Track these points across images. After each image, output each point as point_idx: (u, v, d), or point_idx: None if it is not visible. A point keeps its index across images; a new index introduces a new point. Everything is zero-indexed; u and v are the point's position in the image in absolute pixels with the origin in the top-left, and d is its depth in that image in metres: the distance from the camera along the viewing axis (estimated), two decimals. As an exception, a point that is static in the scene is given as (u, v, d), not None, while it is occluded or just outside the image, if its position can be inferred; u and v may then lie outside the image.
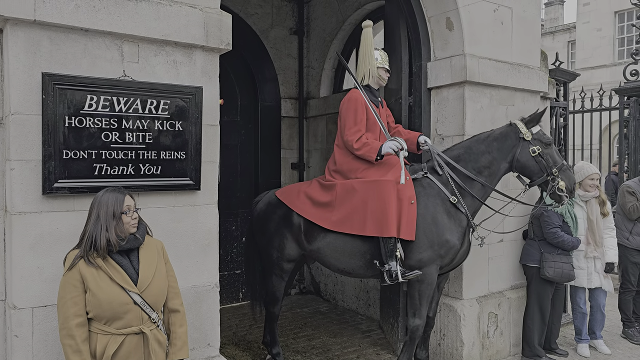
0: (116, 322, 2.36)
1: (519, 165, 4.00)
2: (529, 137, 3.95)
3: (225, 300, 6.14)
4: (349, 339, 5.27)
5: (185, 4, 3.04)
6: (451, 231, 3.84)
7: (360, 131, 3.95)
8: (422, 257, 3.78)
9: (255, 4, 6.49)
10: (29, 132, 2.64)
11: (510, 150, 3.98)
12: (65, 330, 2.30)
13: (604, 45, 21.33)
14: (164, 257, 2.60)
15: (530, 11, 4.96)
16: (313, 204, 4.03)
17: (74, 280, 2.33)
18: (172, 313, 2.58)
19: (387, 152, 3.85)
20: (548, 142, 3.99)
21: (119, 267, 2.39)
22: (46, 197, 2.68)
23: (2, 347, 2.79)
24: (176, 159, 3.04)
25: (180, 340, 2.56)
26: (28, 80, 2.62)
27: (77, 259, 2.35)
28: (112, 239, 2.35)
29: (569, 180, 3.97)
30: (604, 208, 4.82)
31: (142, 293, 2.40)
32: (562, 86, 5.94)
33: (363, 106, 3.99)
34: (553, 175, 3.92)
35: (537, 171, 3.96)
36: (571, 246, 4.50)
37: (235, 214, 6.32)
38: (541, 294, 4.58)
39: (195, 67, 3.12)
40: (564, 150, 5.89)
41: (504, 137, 4.01)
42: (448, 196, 3.87)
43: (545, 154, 3.95)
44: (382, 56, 4.20)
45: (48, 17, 2.61)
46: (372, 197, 3.75)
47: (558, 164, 3.96)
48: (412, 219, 3.73)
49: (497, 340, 4.71)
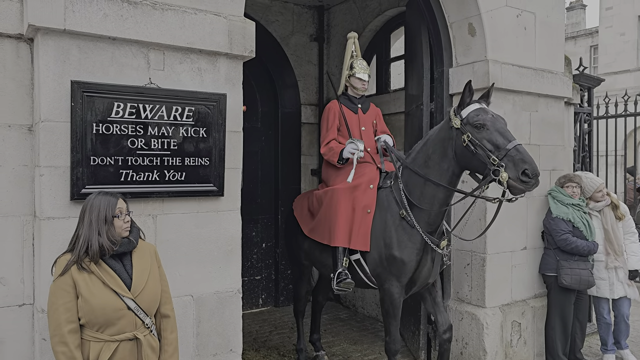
0: (109, 328, 2.29)
1: (460, 161, 3.32)
2: (458, 124, 3.23)
3: (246, 306, 6.15)
4: (369, 346, 5.24)
5: (209, 12, 3.08)
6: (401, 247, 3.54)
7: (328, 137, 4.12)
8: (378, 272, 3.69)
9: (276, 11, 6.55)
10: (58, 138, 2.69)
11: (448, 146, 3.37)
12: (58, 337, 2.24)
13: (628, 49, 20.96)
14: (157, 261, 2.54)
15: (554, 16, 4.90)
16: (305, 210, 4.31)
17: (65, 285, 2.26)
18: (163, 318, 2.51)
19: (347, 156, 3.96)
20: (479, 123, 3.15)
21: (113, 271, 2.33)
22: (74, 202, 2.72)
23: (30, 349, 2.84)
24: (200, 165, 3.07)
25: (171, 347, 2.49)
26: (57, 88, 2.68)
27: (70, 264, 2.28)
28: (104, 244, 2.29)
29: (516, 166, 3.02)
30: (617, 212, 4.71)
31: (135, 298, 2.34)
32: (586, 92, 5.85)
33: (335, 114, 4.17)
34: (494, 166, 3.06)
35: (477, 164, 3.20)
36: (587, 251, 4.40)
37: (256, 220, 6.35)
38: (561, 303, 4.50)
39: (219, 74, 3.15)
40: (588, 156, 5.79)
41: (440, 131, 3.45)
42: (398, 209, 3.61)
43: (479, 139, 3.14)
44: (358, 66, 4.25)
45: (77, 26, 2.67)
46: (327, 205, 3.89)
47: (502, 148, 3.07)
48: (365, 228, 3.66)
49: (521, 349, 4.64)
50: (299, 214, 4.38)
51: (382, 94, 6.33)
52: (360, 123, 4.19)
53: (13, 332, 2.80)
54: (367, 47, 6.60)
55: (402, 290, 3.68)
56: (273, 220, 6.48)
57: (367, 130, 4.24)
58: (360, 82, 4.23)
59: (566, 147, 5.18)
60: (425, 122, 4.68)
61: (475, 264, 4.52)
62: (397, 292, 3.65)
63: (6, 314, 2.78)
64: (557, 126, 4.93)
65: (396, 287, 3.63)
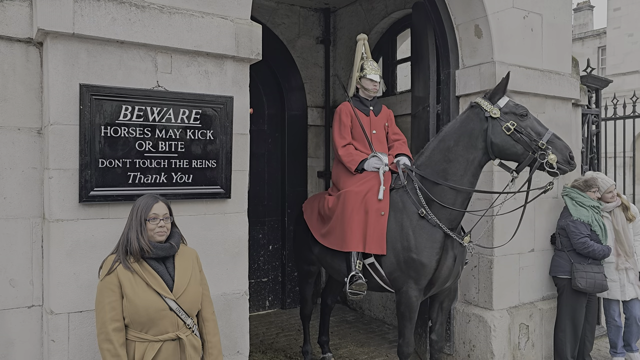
0: (152, 328, 2.38)
1: (497, 150, 3.40)
2: (497, 114, 3.36)
3: (252, 308, 6.16)
4: (376, 348, 5.23)
5: (216, 16, 3.10)
6: (420, 248, 3.50)
7: (345, 139, 4.08)
8: (395, 276, 3.62)
9: (282, 14, 6.57)
10: (67, 141, 2.72)
11: (478, 136, 3.43)
12: (104, 334, 2.33)
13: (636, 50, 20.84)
14: (198, 265, 2.63)
15: (561, 17, 4.89)
16: (316, 214, 4.25)
17: (112, 285, 2.36)
18: (205, 321, 2.60)
19: (370, 170, 3.91)
20: (523, 112, 3.37)
21: (155, 272, 2.42)
22: (82, 204, 2.75)
23: (39, 351, 2.86)
24: (207, 167, 3.09)
25: (216, 349, 2.58)
26: (66, 91, 2.71)
27: (116, 263, 2.39)
28: (142, 244, 2.37)
29: (561, 152, 3.29)
30: (628, 213, 4.69)
31: (177, 299, 2.42)
32: (594, 93, 5.82)
33: (347, 115, 4.13)
34: (542, 150, 3.27)
35: (520, 151, 3.34)
36: (602, 255, 4.37)
37: (262, 222, 6.36)
38: (574, 306, 4.47)
39: (226, 77, 3.16)
40: (596, 158, 5.76)
41: (466, 122, 3.49)
42: (416, 208, 3.57)
43: (524, 127, 3.33)
44: (369, 67, 4.21)
45: (86, 30, 2.70)
46: (339, 211, 3.79)
47: (543, 135, 3.31)
48: (380, 231, 3.59)
49: (529, 352, 4.61)
50: (308, 217, 4.31)
51: (388, 96, 6.33)
52: (371, 126, 4.14)
53: (22, 333, 2.82)
54: (374, 49, 6.60)
55: (421, 293, 3.61)
56: (280, 222, 6.49)
57: (379, 134, 4.18)
58: (372, 83, 4.18)
59: (574, 149, 5.16)
60: (432, 124, 4.68)
61: (482, 266, 4.51)
62: (415, 295, 3.58)
63: (16, 315, 2.81)
64: (565, 128, 4.91)
65: (414, 290, 3.56)
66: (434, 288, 3.67)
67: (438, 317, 3.94)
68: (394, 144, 4.24)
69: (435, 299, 3.95)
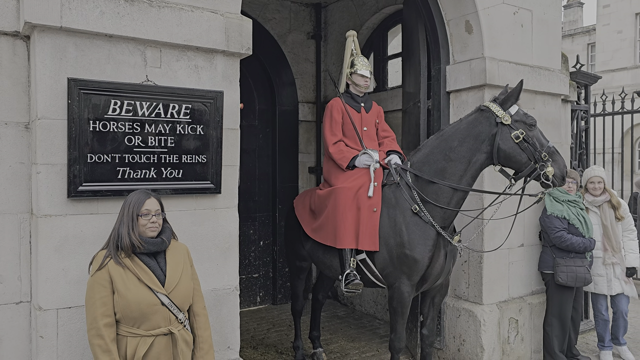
0: (144, 323, 2.38)
1: (503, 156, 3.43)
2: (509, 121, 3.39)
3: (243, 304, 6.15)
4: (367, 343, 5.25)
5: (206, 10, 3.07)
6: (413, 244, 3.52)
7: (336, 135, 4.05)
8: (388, 271, 3.65)
9: (273, 9, 6.54)
10: (55, 136, 2.69)
11: (485, 139, 3.45)
12: (94, 330, 2.32)
13: (625, 47, 21.01)
14: (189, 260, 2.63)
15: (551, 13, 4.91)
16: (307, 209, 4.25)
17: (102, 280, 2.35)
18: (196, 316, 2.61)
19: (361, 166, 3.90)
20: (532, 122, 3.43)
21: (147, 267, 2.42)
22: (71, 200, 2.72)
23: (27, 347, 2.84)
24: (197, 162, 3.07)
25: (206, 344, 2.58)
26: (54, 85, 2.68)
27: (107, 259, 2.38)
28: (133, 239, 2.37)
29: (559, 166, 3.40)
30: (617, 212, 4.72)
31: (169, 294, 2.43)
32: (583, 89, 5.86)
33: (339, 111, 4.10)
34: (542, 161, 3.37)
35: (524, 160, 3.40)
36: (583, 248, 4.39)
37: (253, 218, 6.35)
38: (560, 301, 4.51)
39: (216, 71, 3.15)
40: (585, 154, 5.81)
41: (474, 125, 3.51)
42: (410, 205, 3.58)
43: (531, 137, 3.39)
44: (360, 63, 4.19)
45: (74, 23, 2.66)
46: (331, 206, 3.80)
47: (545, 147, 3.39)
48: (373, 228, 3.60)
49: (518, 346, 4.65)
50: (300, 213, 4.31)
51: (379, 92, 6.33)
52: (362, 123, 4.14)
53: (10, 329, 2.80)
54: (365, 44, 6.60)
55: (413, 288, 3.63)
56: (270, 218, 6.49)
57: (369, 131, 4.17)
58: (363, 78, 4.16)
59: (563, 145, 5.19)
60: (422, 120, 4.68)
61: (472, 261, 4.54)
62: (408, 290, 3.60)
63: (3, 311, 2.78)
64: (554, 123, 4.95)
65: (407, 285, 3.58)
66: (426, 284, 3.70)
67: (429, 312, 3.96)
68: (383, 141, 4.24)
69: (427, 294, 3.96)
